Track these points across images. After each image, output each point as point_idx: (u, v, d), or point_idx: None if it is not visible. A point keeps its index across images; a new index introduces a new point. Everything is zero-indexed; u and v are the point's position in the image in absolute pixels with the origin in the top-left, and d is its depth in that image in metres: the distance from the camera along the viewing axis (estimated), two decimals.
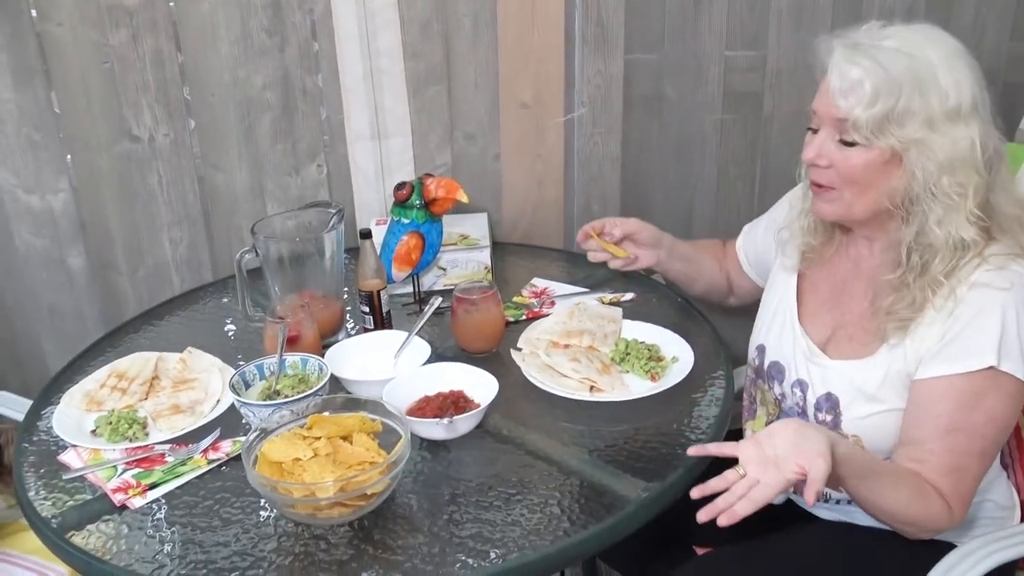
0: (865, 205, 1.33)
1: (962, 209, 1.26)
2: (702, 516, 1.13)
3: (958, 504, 1.28)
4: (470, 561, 1.17)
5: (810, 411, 1.44)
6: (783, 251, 1.57)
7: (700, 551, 1.63)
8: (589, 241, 1.76)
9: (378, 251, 1.76)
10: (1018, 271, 1.27)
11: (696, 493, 1.15)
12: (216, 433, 1.44)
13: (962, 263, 1.28)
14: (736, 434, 1.60)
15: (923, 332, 1.31)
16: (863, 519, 1.40)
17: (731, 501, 1.12)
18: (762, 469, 1.13)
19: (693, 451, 1.24)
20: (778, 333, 1.52)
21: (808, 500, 1.10)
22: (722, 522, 1.12)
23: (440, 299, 1.70)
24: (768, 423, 1.54)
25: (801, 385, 1.45)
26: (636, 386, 1.52)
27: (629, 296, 1.83)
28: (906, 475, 1.28)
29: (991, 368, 1.24)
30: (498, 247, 2.11)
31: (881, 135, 1.26)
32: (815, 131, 1.35)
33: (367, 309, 1.70)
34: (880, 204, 1.32)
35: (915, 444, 1.30)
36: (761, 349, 1.55)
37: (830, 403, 1.40)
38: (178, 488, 1.34)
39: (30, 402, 1.62)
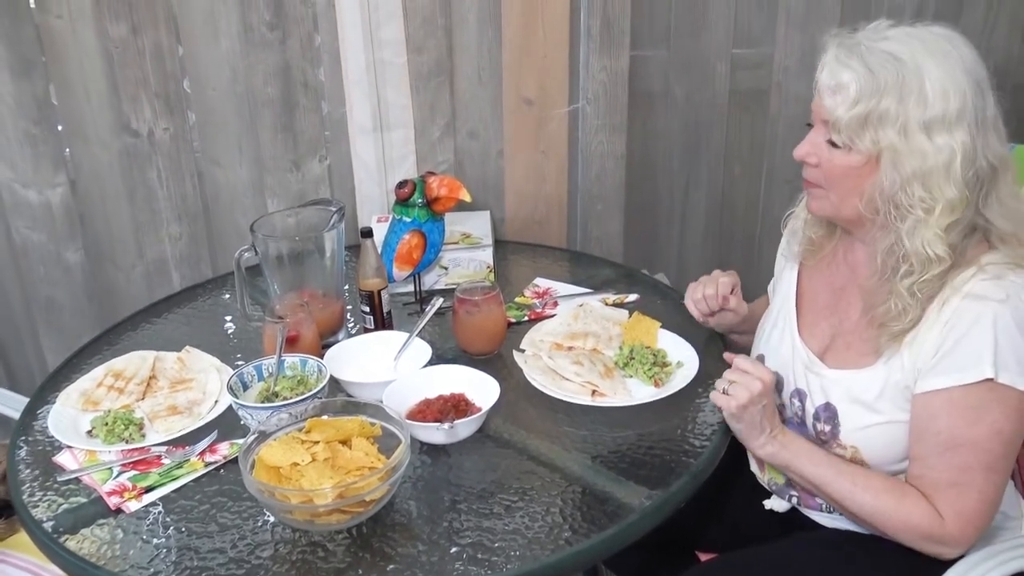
0: (849, 208, 1.32)
1: (931, 224, 1.24)
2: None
3: (956, 520, 1.25)
4: (470, 570, 1.15)
5: (809, 421, 1.42)
6: (790, 239, 1.55)
7: (703, 557, 1.61)
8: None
9: (379, 250, 1.74)
10: (1015, 281, 1.24)
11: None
12: (213, 435, 1.43)
13: (953, 275, 1.26)
14: None
15: (919, 344, 1.28)
16: (866, 528, 1.39)
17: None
18: (739, 392, 1.32)
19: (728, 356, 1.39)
20: (777, 343, 1.50)
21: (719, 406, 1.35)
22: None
23: (442, 299, 1.67)
24: None
25: (800, 395, 1.43)
26: (639, 391, 1.50)
27: (633, 297, 1.80)
28: (876, 476, 1.32)
29: (989, 380, 1.22)
30: (500, 246, 2.09)
31: (860, 138, 1.25)
32: (812, 127, 1.35)
33: (368, 309, 1.68)
34: (861, 210, 1.31)
35: (917, 460, 1.28)
36: (761, 359, 1.53)
37: (828, 413, 1.38)
38: (174, 492, 1.32)
39: (26, 399, 1.60)
